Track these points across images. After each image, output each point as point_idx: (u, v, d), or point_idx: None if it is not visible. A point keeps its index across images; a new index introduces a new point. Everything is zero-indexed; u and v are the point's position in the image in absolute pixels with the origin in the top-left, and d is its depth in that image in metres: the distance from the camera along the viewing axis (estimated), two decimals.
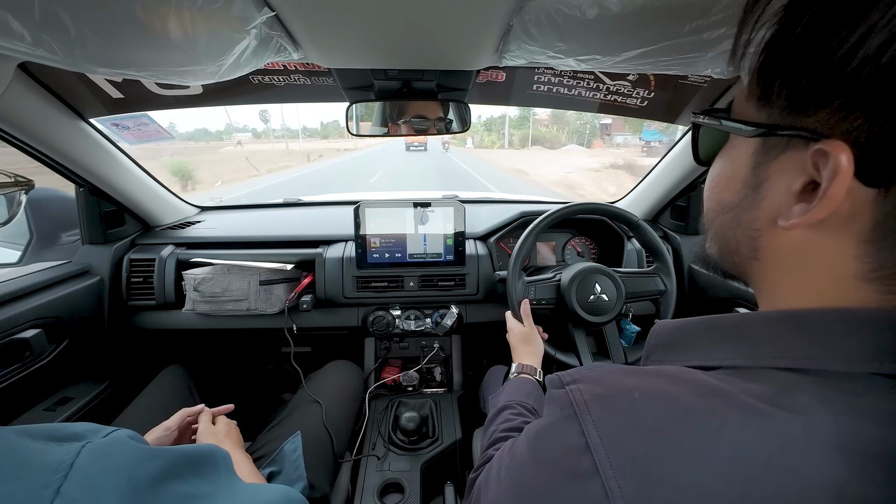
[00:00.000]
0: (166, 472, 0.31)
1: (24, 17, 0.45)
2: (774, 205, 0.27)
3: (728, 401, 0.24)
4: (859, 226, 0.24)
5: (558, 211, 0.99)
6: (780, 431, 0.23)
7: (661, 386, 0.27)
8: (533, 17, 0.55)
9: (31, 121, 0.85)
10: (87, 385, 1.10)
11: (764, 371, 0.26)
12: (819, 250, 0.26)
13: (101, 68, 0.58)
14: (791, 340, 0.26)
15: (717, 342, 0.30)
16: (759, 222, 0.29)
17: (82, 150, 0.99)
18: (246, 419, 0.92)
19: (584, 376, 0.31)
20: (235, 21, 0.51)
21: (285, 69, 1.00)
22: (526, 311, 0.92)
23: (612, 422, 0.27)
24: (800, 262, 0.27)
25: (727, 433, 0.23)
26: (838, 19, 0.21)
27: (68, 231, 1.24)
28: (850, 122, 0.22)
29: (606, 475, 0.25)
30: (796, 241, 0.27)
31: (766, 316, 0.29)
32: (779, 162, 0.27)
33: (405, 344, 1.36)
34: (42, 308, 0.95)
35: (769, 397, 0.24)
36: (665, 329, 0.35)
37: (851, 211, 0.24)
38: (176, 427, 0.74)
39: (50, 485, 0.25)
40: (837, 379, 0.24)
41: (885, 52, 0.20)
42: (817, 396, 0.23)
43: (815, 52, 0.22)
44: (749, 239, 0.30)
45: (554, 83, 1.06)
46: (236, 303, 1.14)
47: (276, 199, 1.72)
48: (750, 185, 0.29)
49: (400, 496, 0.91)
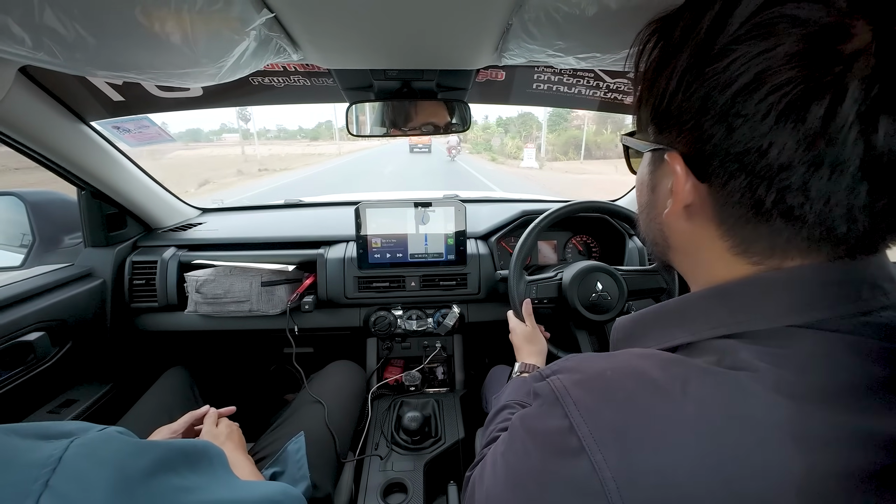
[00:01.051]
0: (158, 466, 0.31)
1: (25, 21, 0.45)
2: (663, 202, 0.35)
3: (687, 368, 0.28)
4: (709, 212, 0.31)
5: (559, 210, 0.99)
6: (732, 385, 0.26)
7: (629, 363, 0.31)
8: (532, 16, 0.55)
9: (32, 124, 0.85)
10: (91, 387, 1.10)
11: (708, 342, 0.31)
12: (697, 234, 0.33)
13: (101, 71, 0.58)
14: (720, 312, 0.31)
15: (667, 326, 0.35)
16: (659, 217, 0.36)
17: (83, 153, 0.99)
18: (248, 420, 0.92)
19: (562, 367, 0.34)
20: (235, 23, 0.51)
21: (285, 70, 1.00)
22: (528, 310, 0.92)
23: (590, 400, 0.29)
24: (692, 245, 0.34)
25: (690, 393, 0.27)
26: (658, 68, 0.31)
27: (70, 234, 1.24)
28: (679, 139, 0.31)
29: (591, 449, 0.27)
30: (683, 228, 0.34)
31: (696, 295, 0.34)
32: (661, 169, 0.35)
33: (407, 344, 1.36)
34: (45, 311, 0.95)
35: (717, 361, 0.28)
36: (623, 324, 0.40)
37: (700, 202, 0.31)
38: (182, 429, 0.74)
39: (39, 478, 0.26)
40: (763, 336, 0.29)
41: (678, 93, 0.29)
42: (752, 352, 0.28)
43: (652, 92, 0.32)
44: (659, 231, 0.37)
45: (554, 81, 1.06)
46: (238, 304, 1.14)
47: (278, 200, 1.72)
48: (650, 188, 0.37)
49: (403, 496, 0.91)
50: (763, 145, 0.25)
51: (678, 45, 0.29)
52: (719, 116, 0.27)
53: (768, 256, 0.30)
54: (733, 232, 0.30)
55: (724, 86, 0.26)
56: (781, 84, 0.24)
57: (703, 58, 0.27)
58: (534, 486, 0.30)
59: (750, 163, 0.26)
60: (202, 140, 42.99)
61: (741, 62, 0.25)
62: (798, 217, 0.26)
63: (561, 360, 0.36)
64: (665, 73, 0.30)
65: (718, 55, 0.26)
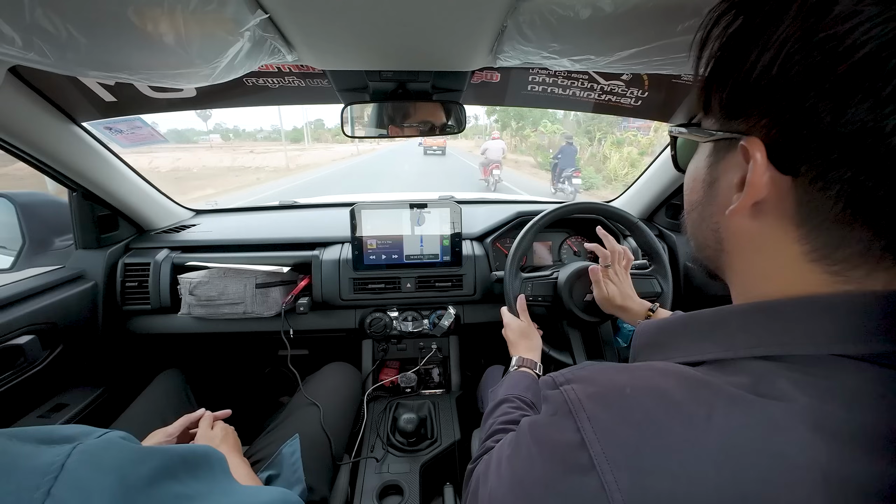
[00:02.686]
0: (159, 473, 0.30)
1: (15, 20, 0.44)
2: (724, 199, 0.31)
3: (714, 392, 0.26)
4: (787, 210, 0.27)
5: (555, 210, 1.00)
6: (763, 417, 0.24)
7: (650, 380, 0.28)
8: (527, 18, 0.55)
9: (22, 125, 0.84)
10: (83, 391, 1.09)
11: (742, 362, 0.28)
12: (765, 234, 0.29)
13: (93, 72, 0.57)
14: (762, 330, 0.28)
15: (696, 338, 0.32)
16: (716, 216, 0.33)
17: (75, 154, 0.98)
18: (243, 423, 0.92)
19: (577, 376, 0.32)
20: (229, 23, 0.51)
21: (279, 71, 0.99)
22: (522, 305, 0.92)
23: (605, 417, 0.28)
24: (754, 247, 0.30)
25: (715, 422, 0.25)
26: (742, 42, 0.27)
27: (61, 236, 1.23)
28: (762, 123, 0.27)
29: (602, 469, 0.26)
30: (747, 228, 0.30)
31: (738, 309, 0.31)
32: (725, 161, 0.31)
33: (403, 345, 1.36)
34: (36, 314, 0.94)
35: (750, 386, 0.26)
36: (647, 329, 0.37)
37: (777, 197, 0.27)
38: (177, 433, 0.74)
39: (40, 486, 0.25)
40: (806, 363, 0.26)
41: (774, 66, 0.25)
42: (791, 381, 0.25)
43: (731, 72, 0.28)
44: (713, 232, 0.34)
45: (549, 83, 1.07)
46: (232, 306, 1.13)
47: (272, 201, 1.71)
48: (707, 184, 0.33)
49: (399, 498, 0.91)
50: (885, 127, 0.22)
51: (776, 11, 0.25)
52: (829, 92, 0.23)
53: (855, 266, 0.26)
54: (815, 234, 0.26)
55: (842, 55, 0.22)
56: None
57: (814, 23, 0.23)
58: (538, 496, 0.30)
59: (861, 149, 0.23)
60: (184, 141, 39.80)
61: (868, 26, 0.21)
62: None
63: (575, 369, 0.35)
64: (754, 46, 0.26)
65: (837, 19, 0.22)
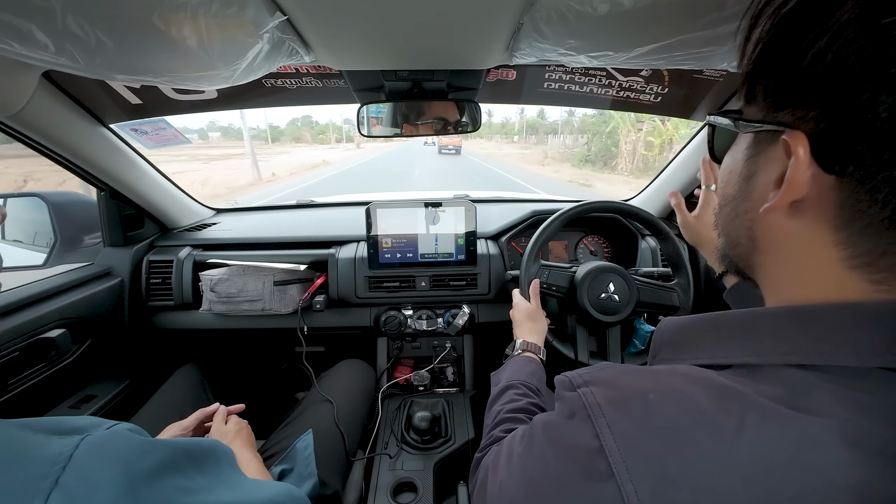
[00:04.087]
0: (163, 465, 0.31)
1: (48, 27, 0.46)
2: (761, 195, 0.29)
3: (744, 402, 0.24)
4: (827, 212, 0.25)
5: (572, 209, 0.98)
6: (798, 432, 0.23)
7: (675, 387, 0.27)
8: (543, 15, 0.55)
9: (54, 127, 0.88)
10: (110, 383, 1.13)
11: (774, 369, 0.26)
12: (802, 236, 0.27)
13: (120, 75, 0.59)
14: (798, 336, 0.26)
15: (723, 340, 0.30)
16: (751, 212, 0.31)
17: (103, 154, 1.02)
18: (259, 418, 0.94)
19: (596, 378, 0.31)
20: (248, 26, 0.52)
21: (297, 72, 1.01)
22: (535, 290, 0.92)
23: (626, 424, 0.27)
24: (789, 249, 0.29)
25: (745, 434, 0.23)
26: (796, 27, 0.24)
27: (90, 234, 1.28)
28: (810, 115, 0.24)
29: (622, 478, 0.25)
30: (783, 227, 0.28)
31: (771, 311, 0.29)
32: (765, 154, 0.29)
33: (417, 344, 1.36)
34: (66, 308, 0.98)
35: (784, 398, 0.24)
36: (671, 326, 0.35)
37: (818, 197, 0.25)
38: (193, 426, 0.75)
39: (49, 475, 0.26)
40: (847, 375, 0.24)
41: (829, 53, 0.22)
42: (830, 394, 0.23)
43: (781, 57, 0.25)
44: (746, 229, 0.32)
45: (565, 80, 1.05)
46: (251, 303, 1.16)
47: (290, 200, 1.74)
48: (744, 178, 0.31)
49: (413, 495, 0.92)
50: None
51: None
52: (890, 85, 0.21)
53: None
54: (858, 238, 0.24)
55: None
56: None
57: (879, 5, 0.21)
58: (550, 497, 0.29)
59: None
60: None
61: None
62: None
63: (594, 370, 0.33)
64: (810, 27, 0.23)
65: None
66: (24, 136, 0.85)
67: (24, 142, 0.86)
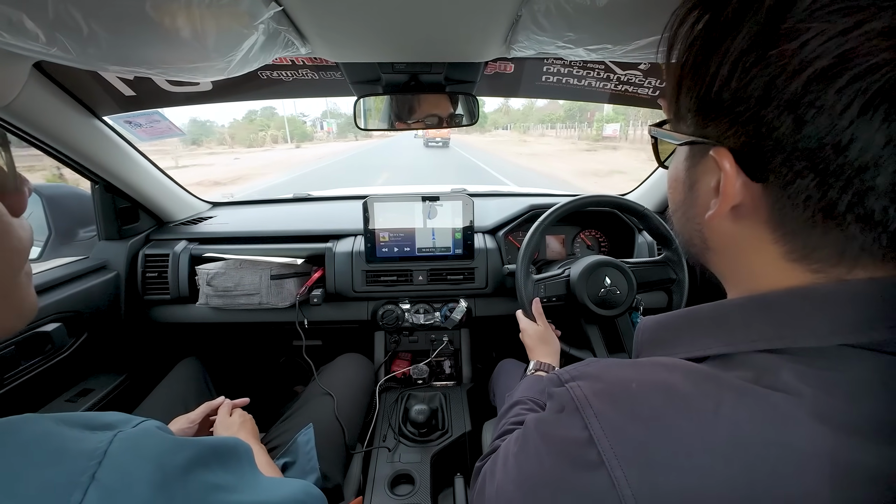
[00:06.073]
0: (193, 462, 0.31)
1: (38, 17, 0.45)
2: (704, 202, 0.31)
3: (720, 385, 0.26)
4: (763, 214, 0.28)
5: (567, 204, 0.98)
6: (769, 409, 0.24)
7: (656, 375, 0.29)
8: (542, 7, 0.54)
9: (46, 119, 0.87)
10: (106, 377, 1.13)
11: (745, 356, 0.28)
12: (745, 237, 0.30)
13: (113, 66, 0.58)
14: (762, 324, 0.28)
15: (698, 334, 0.32)
16: (698, 217, 0.33)
17: (96, 147, 1.01)
18: (259, 411, 0.94)
19: (583, 373, 0.33)
20: (243, 17, 0.51)
21: (293, 64, 1.00)
22: (538, 310, 0.91)
23: (613, 414, 0.28)
24: (737, 248, 0.31)
25: (722, 415, 0.25)
26: (704, 50, 0.27)
27: (85, 227, 1.27)
28: (729, 132, 0.27)
29: (612, 465, 0.26)
30: (728, 230, 0.30)
31: (736, 303, 0.31)
32: (702, 165, 0.31)
33: (415, 337, 1.37)
34: (62, 302, 0.97)
35: (754, 379, 0.26)
36: (649, 326, 0.37)
37: (752, 203, 0.28)
38: (199, 419, 0.76)
39: (86, 470, 0.26)
40: (810, 355, 0.26)
41: (732, 79, 0.25)
42: (795, 374, 0.25)
43: (696, 81, 0.28)
44: (697, 232, 0.34)
45: (563, 74, 1.05)
46: (248, 297, 1.16)
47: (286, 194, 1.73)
48: (687, 187, 0.33)
49: (410, 487, 0.93)
50: (842, 141, 0.22)
51: (731, 22, 0.25)
52: (786, 107, 0.23)
53: (834, 265, 0.26)
54: (793, 236, 0.27)
55: (795, 71, 0.22)
56: (869, 69, 0.21)
57: (766, 38, 0.23)
58: (545, 492, 0.30)
59: (823, 160, 0.23)
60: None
61: (817, 43, 0.22)
62: (879, 223, 0.23)
63: (581, 365, 0.34)
64: (714, 56, 0.26)
65: (787, 35, 0.23)
66: (16, 129, 0.83)
67: (17, 134, 0.85)
